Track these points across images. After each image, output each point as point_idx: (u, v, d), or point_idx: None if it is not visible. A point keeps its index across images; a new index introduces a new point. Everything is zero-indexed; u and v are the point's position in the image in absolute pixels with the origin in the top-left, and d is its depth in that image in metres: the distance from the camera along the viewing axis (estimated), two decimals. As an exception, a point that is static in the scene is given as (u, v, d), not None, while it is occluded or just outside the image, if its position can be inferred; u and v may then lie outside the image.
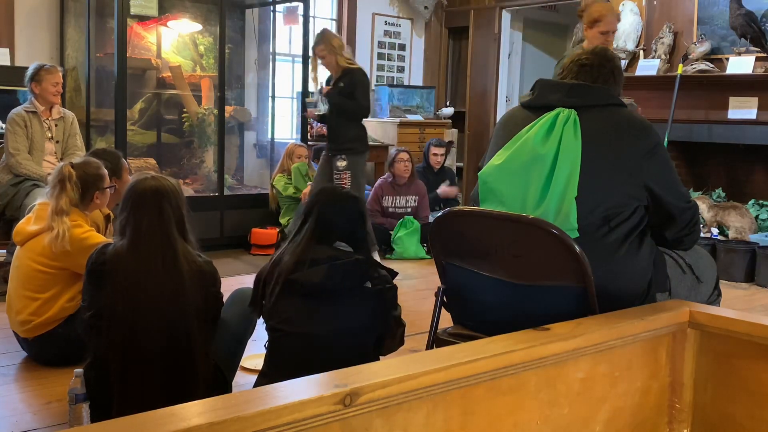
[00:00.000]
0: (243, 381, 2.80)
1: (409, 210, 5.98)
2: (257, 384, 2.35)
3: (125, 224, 2.37)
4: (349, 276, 2.31)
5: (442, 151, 6.55)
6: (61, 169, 2.99)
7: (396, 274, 2.44)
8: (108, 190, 3.12)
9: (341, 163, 4.79)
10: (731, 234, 5.37)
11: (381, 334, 2.41)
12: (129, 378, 2.28)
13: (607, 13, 3.86)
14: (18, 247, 3.10)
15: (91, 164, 3.10)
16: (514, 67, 8.30)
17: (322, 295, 2.30)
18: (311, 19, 6.73)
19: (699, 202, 4.75)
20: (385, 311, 2.37)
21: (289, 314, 2.32)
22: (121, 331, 2.28)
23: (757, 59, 5.52)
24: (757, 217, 5.62)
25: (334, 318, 2.30)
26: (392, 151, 6.20)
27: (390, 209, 5.98)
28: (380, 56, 8.00)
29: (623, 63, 6.19)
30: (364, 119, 5.03)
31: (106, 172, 3.12)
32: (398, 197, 5.99)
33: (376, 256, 4.66)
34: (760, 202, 5.74)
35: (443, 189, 6.46)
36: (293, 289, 2.31)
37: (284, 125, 7.39)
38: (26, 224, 3.06)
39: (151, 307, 2.29)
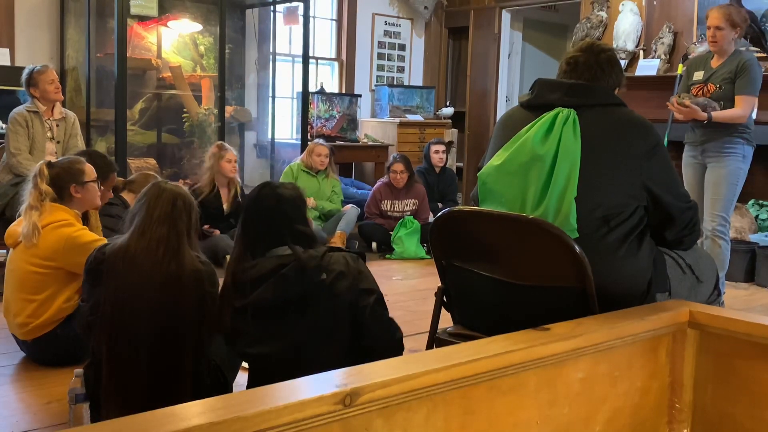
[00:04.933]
0: (243, 381, 2.80)
1: (408, 213, 5.98)
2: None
3: (136, 214, 2.42)
4: (299, 279, 2.22)
5: (442, 147, 6.54)
6: (38, 166, 3.04)
7: (362, 254, 2.37)
8: (90, 184, 3.09)
9: None
10: (731, 234, 5.36)
11: (364, 321, 2.29)
12: (116, 371, 2.29)
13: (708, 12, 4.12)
14: (11, 250, 3.09)
15: (69, 160, 3.13)
16: (514, 67, 8.31)
17: (282, 308, 2.23)
18: (311, 19, 6.73)
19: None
20: (351, 287, 2.25)
21: (258, 336, 2.26)
22: (111, 318, 2.30)
23: (757, 60, 5.51)
24: (756, 217, 5.62)
25: (305, 323, 2.24)
26: (390, 158, 6.21)
27: (389, 212, 5.99)
28: (380, 56, 8.00)
29: (623, 63, 6.19)
30: None
31: (86, 168, 3.10)
32: (397, 201, 6.00)
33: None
34: (760, 201, 5.74)
35: None
36: (252, 312, 2.25)
37: (284, 125, 7.39)
38: (17, 226, 3.05)
39: (144, 294, 2.30)
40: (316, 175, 5.89)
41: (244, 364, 2.79)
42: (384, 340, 2.33)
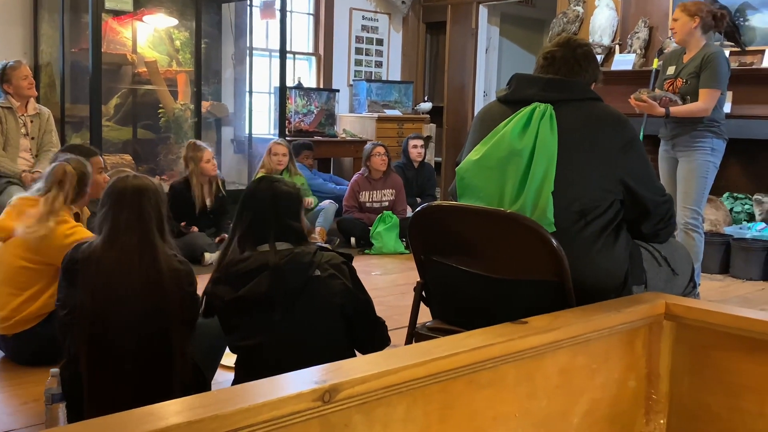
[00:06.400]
0: (222, 379, 2.79)
1: (386, 204, 5.98)
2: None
3: (103, 221, 2.35)
4: (293, 274, 2.23)
5: (420, 142, 6.56)
6: (63, 169, 2.93)
7: (350, 256, 2.38)
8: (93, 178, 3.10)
9: None
10: (706, 226, 5.43)
11: (354, 322, 2.34)
12: (98, 376, 2.26)
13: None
14: (0, 243, 3.06)
15: (82, 162, 3.08)
16: (491, 62, 8.33)
17: (275, 302, 2.23)
18: (288, 14, 6.70)
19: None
20: (344, 289, 2.29)
21: (249, 330, 2.27)
22: (90, 328, 2.26)
23: (732, 54, 5.57)
24: (731, 209, 5.69)
25: (295, 317, 2.24)
26: (367, 146, 6.20)
27: (367, 204, 5.98)
28: (358, 51, 7.98)
29: (599, 58, 6.23)
30: None
31: (92, 164, 3.12)
32: (375, 192, 6.00)
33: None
34: (735, 194, 5.81)
35: None
36: (244, 306, 2.25)
37: (262, 120, 7.35)
38: (7, 219, 3.01)
39: (124, 303, 2.27)
40: (280, 176, 5.84)
41: (224, 362, 2.78)
42: (375, 342, 2.39)
